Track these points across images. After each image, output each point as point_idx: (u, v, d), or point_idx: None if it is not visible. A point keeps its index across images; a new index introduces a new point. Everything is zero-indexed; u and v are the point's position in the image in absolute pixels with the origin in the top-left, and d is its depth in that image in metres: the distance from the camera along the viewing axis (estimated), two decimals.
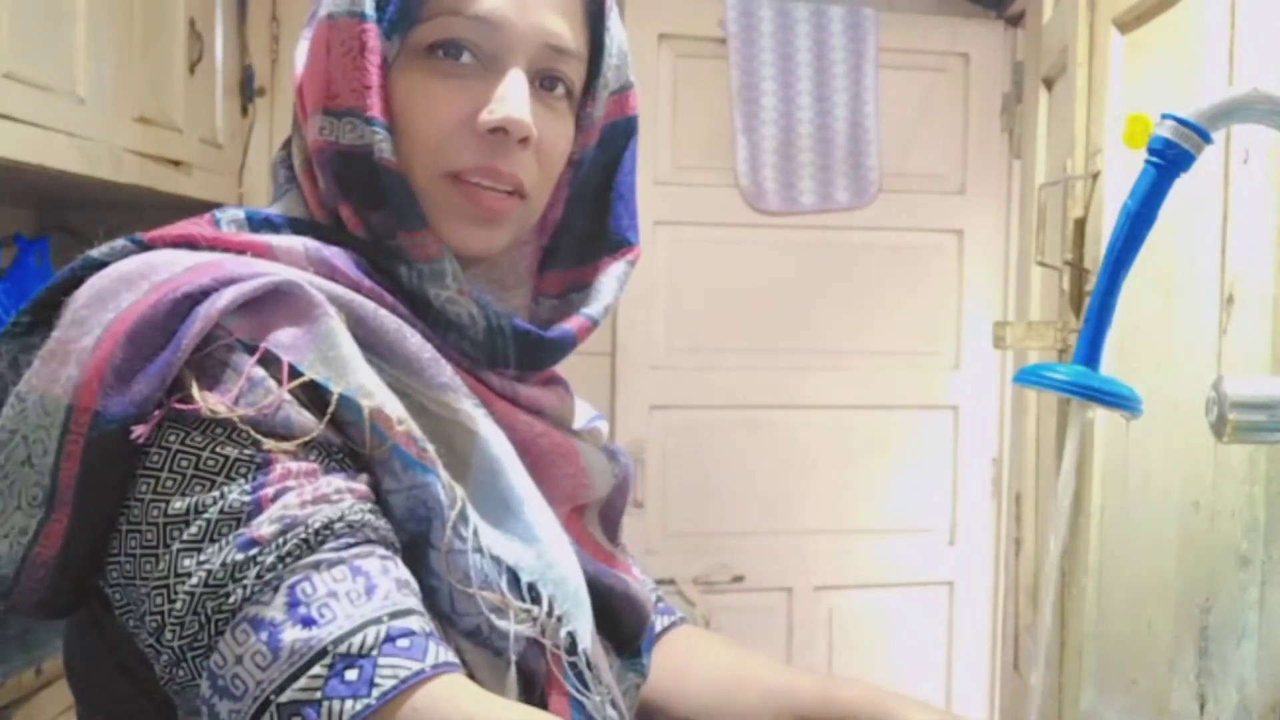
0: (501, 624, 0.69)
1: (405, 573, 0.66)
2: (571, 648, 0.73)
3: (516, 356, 0.78)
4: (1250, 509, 1.08)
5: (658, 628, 0.95)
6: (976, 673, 2.91)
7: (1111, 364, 0.92)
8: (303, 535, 0.63)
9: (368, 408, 0.67)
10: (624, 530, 0.91)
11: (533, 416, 0.78)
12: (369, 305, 0.71)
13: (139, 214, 1.64)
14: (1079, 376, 0.88)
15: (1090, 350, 0.90)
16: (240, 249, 0.72)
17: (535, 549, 0.72)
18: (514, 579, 0.71)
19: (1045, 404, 2.03)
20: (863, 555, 2.83)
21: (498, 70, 0.75)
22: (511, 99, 0.74)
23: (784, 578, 2.81)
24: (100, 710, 0.74)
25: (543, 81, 0.78)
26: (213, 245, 0.72)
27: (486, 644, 0.69)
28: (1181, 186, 0.90)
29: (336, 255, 0.73)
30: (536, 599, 0.71)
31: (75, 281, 0.69)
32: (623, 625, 0.83)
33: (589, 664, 0.74)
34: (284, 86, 2.47)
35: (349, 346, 0.68)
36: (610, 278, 0.84)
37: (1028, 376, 0.91)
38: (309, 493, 0.64)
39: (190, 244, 0.72)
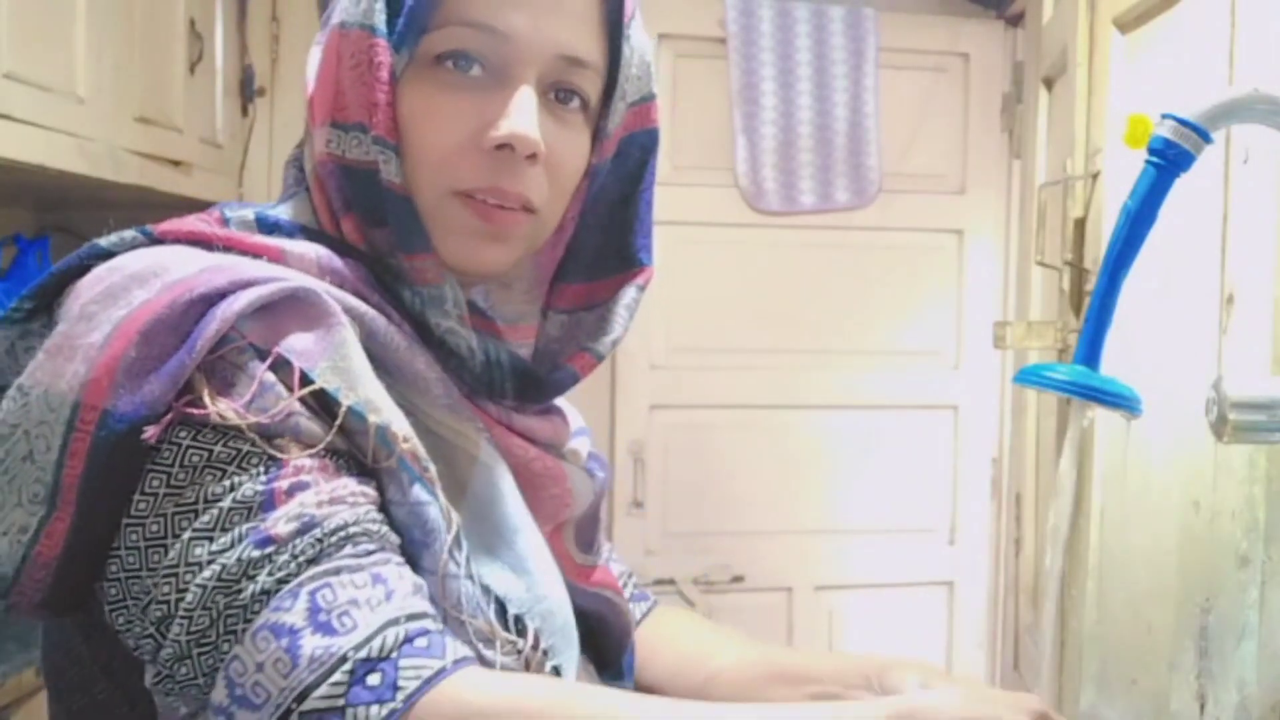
0: (488, 654, 0.68)
1: (417, 578, 0.66)
2: None
3: (514, 390, 0.77)
4: (1250, 509, 1.08)
5: (636, 617, 0.95)
6: (976, 673, 2.90)
7: (1111, 364, 0.92)
8: (319, 536, 0.62)
9: (374, 423, 0.66)
10: (616, 531, 0.92)
11: (526, 442, 0.78)
12: (380, 320, 0.71)
13: (139, 214, 1.64)
14: (1079, 376, 0.88)
15: (1090, 350, 0.90)
16: (255, 252, 0.71)
17: (525, 581, 0.72)
18: (501, 609, 0.70)
19: (1045, 404, 2.03)
20: (863, 555, 2.83)
21: (508, 83, 0.73)
22: (519, 115, 0.72)
23: (784, 578, 2.81)
24: (77, 714, 0.73)
25: (556, 94, 0.75)
26: (226, 246, 0.71)
27: None
28: (1181, 186, 0.90)
29: (348, 266, 0.72)
30: (522, 631, 0.71)
31: (81, 270, 0.68)
32: (605, 644, 0.83)
33: None
34: (284, 86, 2.47)
35: (360, 359, 0.68)
36: (621, 306, 0.83)
37: (1028, 376, 0.91)
38: (325, 492, 0.64)
39: (203, 242, 0.71)
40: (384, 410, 0.67)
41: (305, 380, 0.65)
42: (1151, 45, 1.45)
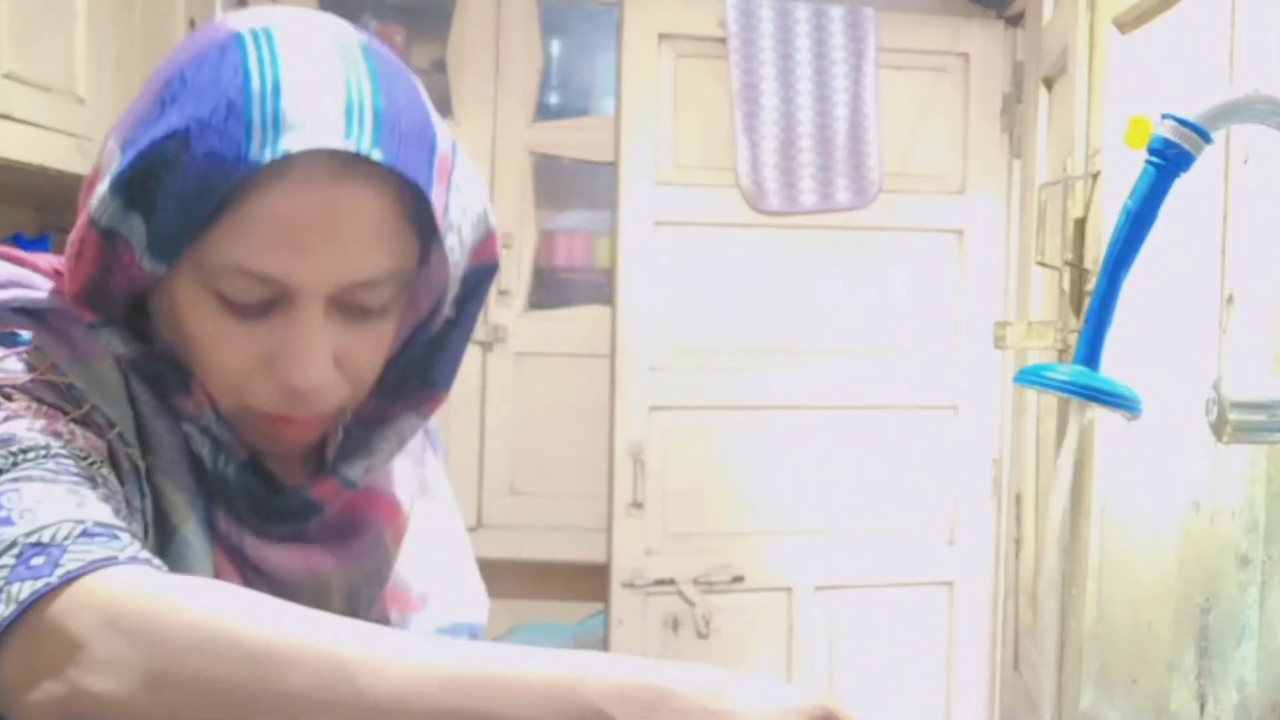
0: None
1: (123, 519, 0.63)
2: None
3: (246, 507, 0.74)
4: (1250, 509, 1.08)
5: None
6: (976, 673, 2.90)
7: (1111, 364, 0.92)
8: (14, 449, 0.62)
9: (115, 428, 0.68)
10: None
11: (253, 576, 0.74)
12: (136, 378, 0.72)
13: None
14: (1079, 376, 0.88)
15: (1090, 350, 0.90)
16: (48, 275, 0.76)
17: None
18: None
19: (1045, 404, 2.03)
20: (863, 555, 2.83)
21: (295, 310, 0.70)
22: (306, 361, 0.70)
23: (784, 578, 2.81)
24: None
25: (350, 308, 0.72)
26: (25, 265, 0.76)
27: None
28: (1181, 186, 0.90)
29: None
30: None
31: None
32: None
33: None
34: None
35: (114, 383, 0.70)
36: (391, 430, 0.78)
37: (1028, 376, 0.91)
38: (38, 425, 0.64)
39: (6, 259, 0.76)
40: (122, 425, 0.69)
41: (56, 371, 0.68)
42: (1151, 45, 1.45)
